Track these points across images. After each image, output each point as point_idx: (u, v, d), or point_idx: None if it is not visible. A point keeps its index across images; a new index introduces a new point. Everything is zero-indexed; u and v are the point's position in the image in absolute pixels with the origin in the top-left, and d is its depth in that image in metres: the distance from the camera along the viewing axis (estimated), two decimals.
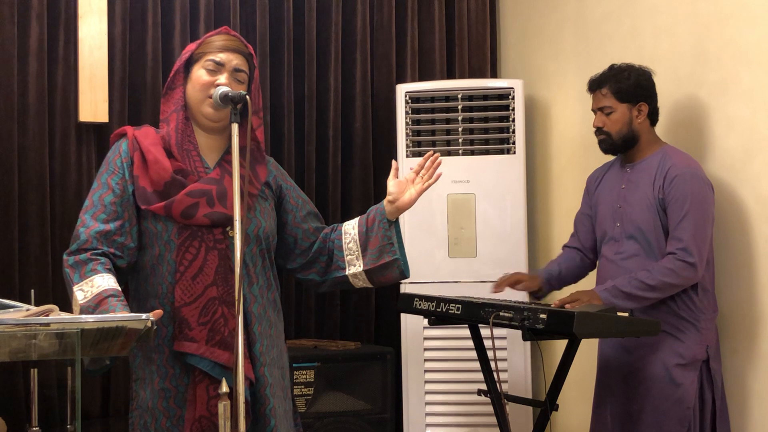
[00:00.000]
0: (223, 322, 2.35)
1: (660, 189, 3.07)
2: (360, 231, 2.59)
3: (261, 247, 2.46)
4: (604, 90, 3.18)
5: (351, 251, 2.59)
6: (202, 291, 2.34)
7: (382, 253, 2.55)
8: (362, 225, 2.60)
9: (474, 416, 4.00)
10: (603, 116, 3.19)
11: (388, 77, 4.51)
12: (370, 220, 2.59)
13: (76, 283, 2.28)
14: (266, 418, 2.41)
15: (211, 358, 2.33)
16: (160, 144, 2.43)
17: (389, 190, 2.60)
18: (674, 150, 3.16)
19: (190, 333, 2.32)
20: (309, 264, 2.64)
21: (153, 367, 2.39)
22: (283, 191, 2.62)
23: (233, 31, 2.55)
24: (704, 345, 3.04)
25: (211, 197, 2.38)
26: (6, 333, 1.84)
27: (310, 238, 2.63)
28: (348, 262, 2.59)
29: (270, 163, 2.62)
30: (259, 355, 2.42)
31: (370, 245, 2.56)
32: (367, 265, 2.56)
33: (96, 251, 2.33)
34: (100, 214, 2.37)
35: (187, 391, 2.37)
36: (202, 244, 2.36)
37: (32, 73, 3.86)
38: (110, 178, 2.41)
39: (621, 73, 3.17)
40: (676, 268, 2.96)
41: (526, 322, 2.79)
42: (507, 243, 4.05)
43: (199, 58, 2.46)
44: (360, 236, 2.59)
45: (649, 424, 3.04)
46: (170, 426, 2.37)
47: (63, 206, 3.92)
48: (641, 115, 3.16)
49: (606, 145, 3.22)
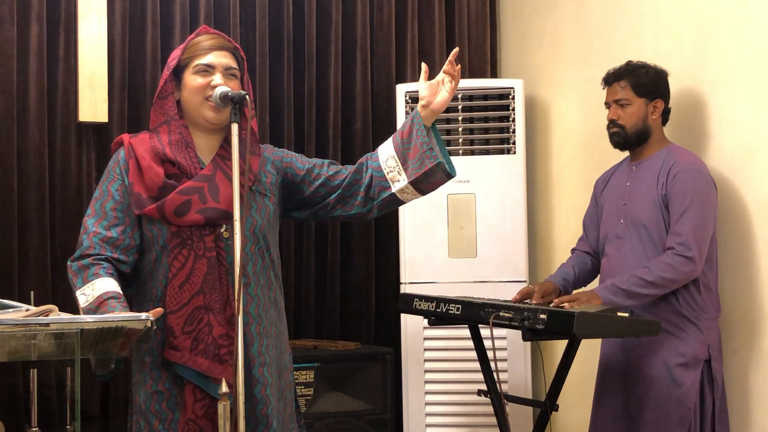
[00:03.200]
0: (208, 330, 2.34)
1: (663, 185, 3.07)
2: (396, 146, 2.54)
3: (259, 246, 2.45)
4: (622, 83, 3.18)
5: (391, 168, 2.52)
6: (188, 299, 2.34)
7: (423, 160, 2.48)
8: (397, 140, 2.55)
9: (474, 416, 3.99)
10: (618, 109, 3.18)
11: (388, 77, 4.51)
12: (405, 132, 2.53)
13: (78, 287, 2.30)
14: (268, 418, 2.41)
15: (192, 367, 2.33)
16: (154, 150, 2.43)
17: (421, 94, 2.53)
18: (679, 148, 3.17)
19: (174, 341, 2.33)
20: (345, 199, 2.57)
21: (146, 370, 2.40)
22: (286, 165, 2.58)
23: (212, 29, 2.55)
24: (706, 344, 3.03)
25: (203, 194, 2.38)
26: (5, 333, 1.84)
27: (337, 178, 2.58)
28: (391, 179, 2.53)
29: (266, 150, 2.60)
30: (257, 355, 2.41)
31: (410, 156, 2.50)
32: (411, 177, 2.49)
33: (98, 256, 2.34)
34: (102, 221, 2.38)
35: (180, 395, 2.37)
36: (191, 253, 2.36)
37: (32, 73, 3.86)
38: (110, 185, 2.43)
39: (639, 69, 3.19)
40: (675, 263, 2.96)
41: (526, 322, 2.79)
42: (507, 243, 4.05)
43: (187, 63, 2.45)
44: (397, 151, 2.53)
45: (650, 424, 3.03)
46: (162, 429, 2.37)
47: (63, 206, 3.92)
48: (656, 111, 3.17)
49: (618, 138, 3.20)
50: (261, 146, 2.59)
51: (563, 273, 3.35)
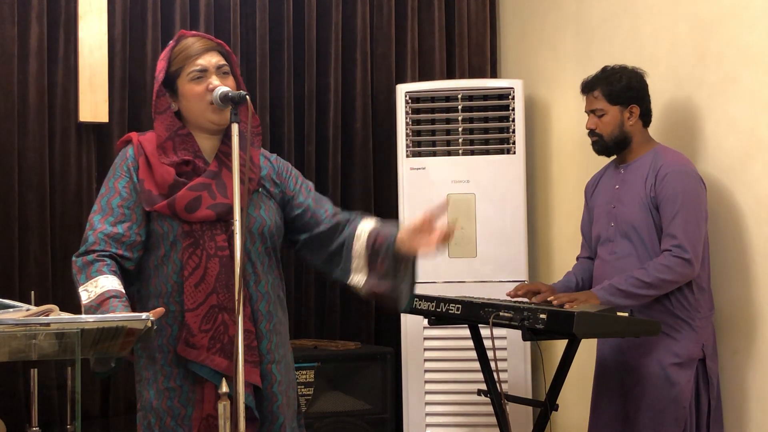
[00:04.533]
0: (223, 330, 2.36)
1: (652, 187, 3.07)
2: (370, 243, 2.47)
3: (266, 245, 2.46)
4: (595, 93, 3.19)
5: (358, 257, 2.48)
6: (204, 299, 2.35)
7: (385, 283, 2.45)
8: (372, 238, 2.48)
9: (474, 416, 4.00)
10: (595, 118, 3.20)
11: (388, 77, 4.51)
12: (380, 243, 2.46)
13: (81, 284, 2.30)
14: (274, 415, 2.42)
15: (211, 366, 2.34)
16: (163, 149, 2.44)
17: (407, 228, 2.41)
18: (666, 149, 3.17)
19: (192, 339, 2.34)
20: (312, 248, 2.55)
21: (157, 366, 2.40)
22: (287, 189, 2.58)
23: (189, 31, 2.54)
24: (700, 344, 3.04)
25: (212, 190, 2.39)
26: (6, 333, 1.84)
27: (317, 224, 2.54)
28: (354, 268, 2.49)
29: (272, 159, 2.60)
30: (266, 352, 2.42)
31: (377, 267, 2.46)
32: (367, 286, 2.48)
33: (103, 253, 2.34)
34: (108, 217, 2.38)
35: (192, 390, 2.38)
36: (203, 252, 2.37)
37: (32, 73, 3.86)
38: (117, 182, 2.43)
39: (612, 76, 3.18)
40: (672, 264, 2.97)
41: (526, 322, 2.79)
42: (507, 243, 4.05)
43: (179, 73, 2.43)
44: (368, 248, 2.47)
45: (646, 424, 3.04)
46: (174, 425, 2.37)
47: (63, 206, 3.92)
48: (633, 117, 3.17)
49: (599, 147, 3.24)
50: (271, 154, 2.59)
51: (566, 281, 3.37)
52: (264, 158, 2.57)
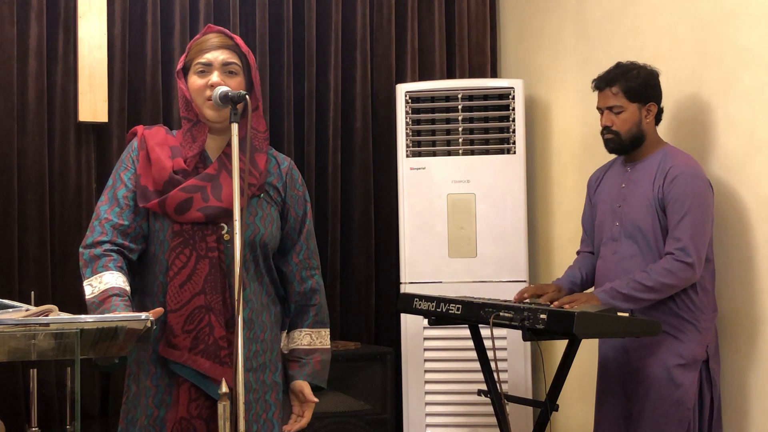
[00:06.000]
0: (209, 331, 2.34)
1: (660, 189, 3.05)
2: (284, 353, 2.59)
3: (255, 254, 2.45)
4: (614, 89, 3.11)
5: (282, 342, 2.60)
6: (188, 299, 2.34)
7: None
8: (286, 353, 2.58)
9: (474, 416, 3.99)
10: (612, 115, 3.13)
11: (388, 77, 4.51)
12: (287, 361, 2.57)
13: (87, 277, 2.32)
14: (247, 423, 2.39)
15: (193, 367, 2.33)
16: (167, 144, 2.44)
17: (297, 391, 2.50)
18: (675, 150, 3.15)
19: (174, 340, 2.33)
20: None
21: (143, 362, 2.40)
22: (286, 208, 2.58)
23: (215, 26, 2.54)
24: (704, 345, 3.04)
25: (205, 192, 2.39)
26: (5, 333, 1.84)
27: (288, 260, 2.58)
28: (290, 324, 2.60)
29: (283, 168, 2.59)
30: (245, 360, 2.40)
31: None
32: (286, 350, 2.57)
33: (110, 246, 2.35)
34: (115, 207, 2.40)
35: (168, 393, 2.37)
36: (193, 252, 2.36)
37: (32, 73, 3.86)
38: (123, 174, 2.45)
39: (630, 72, 3.12)
40: (674, 268, 2.96)
41: (526, 322, 2.79)
42: (507, 243, 4.05)
43: (190, 65, 2.47)
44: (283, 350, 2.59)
45: (649, 425, 3.03)
46: (147, 425, 2.37)
47: (62, 206, 3.92)
48: (650, 115, 3.13)
49: (613, 145, 3.16)
50: (286, 160, 2.59)
51: (570, 276, 3.34)
52: (275, 163, 2.56)
